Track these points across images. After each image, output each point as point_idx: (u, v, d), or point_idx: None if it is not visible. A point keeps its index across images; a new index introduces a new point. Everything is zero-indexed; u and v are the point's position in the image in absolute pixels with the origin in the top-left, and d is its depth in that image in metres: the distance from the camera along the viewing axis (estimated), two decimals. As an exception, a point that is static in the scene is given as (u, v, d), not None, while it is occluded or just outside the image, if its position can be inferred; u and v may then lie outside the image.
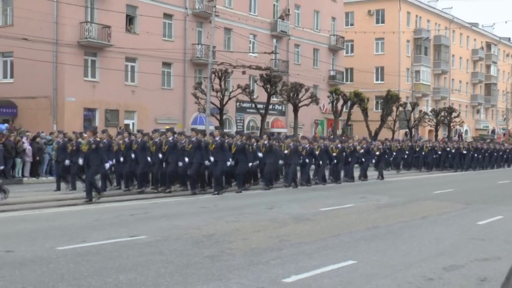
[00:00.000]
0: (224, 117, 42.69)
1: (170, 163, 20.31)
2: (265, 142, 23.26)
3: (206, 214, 15.24)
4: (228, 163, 20.56)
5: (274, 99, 46.94)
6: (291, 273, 8.49)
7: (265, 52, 46.43)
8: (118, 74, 39.67)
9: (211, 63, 39.32)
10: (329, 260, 9.45)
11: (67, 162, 20.25)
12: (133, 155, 20.52)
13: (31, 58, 35.58)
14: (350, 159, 27.41)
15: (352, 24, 70.26)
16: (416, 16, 74.69)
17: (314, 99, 46.79)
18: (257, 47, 50.01)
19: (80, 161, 18.41)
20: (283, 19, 53.30)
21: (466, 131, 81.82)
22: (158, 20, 42.24)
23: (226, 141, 21.46)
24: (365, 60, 69.25)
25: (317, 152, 24.96)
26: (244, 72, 42.37)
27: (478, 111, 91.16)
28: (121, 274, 8.27)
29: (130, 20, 41.15)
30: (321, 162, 25.37)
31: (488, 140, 57.37)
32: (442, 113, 63.73)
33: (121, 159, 20.66)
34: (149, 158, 20.44)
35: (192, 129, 22.60)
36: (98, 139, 18.18)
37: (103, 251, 9.98)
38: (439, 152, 39.24)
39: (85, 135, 19.81)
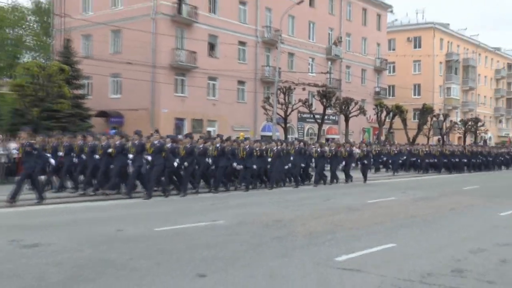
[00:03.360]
0: (288, 125, 42.61)
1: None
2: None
3: (273, 204, 15.29)
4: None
5: (329, 111, 46.63)
6: (343, 253, 8.44)
7: (321, 72, 46.41)
8: (202, 90, 40.08)
9: (277, 81, 39.38)
10: (374, 242, 9.35)
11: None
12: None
13: (134, 78, 36.41)
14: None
15: (394, 49, 69.47)
16: (448, 42, 73.40)
17: (362, 111, 46.31)
18: (315, 68, 49.79)
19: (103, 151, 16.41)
20: (336, 45, 52.94)
21: (490, 137, 79.46)
22: (234, 46, 42.53)
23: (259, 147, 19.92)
24: (405, 79, 68.55)
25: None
26: (304, 89, 42.38)
27: (500, 121, 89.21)
28: (206, 250, 8.37)
29: (212, 46, 41.55)
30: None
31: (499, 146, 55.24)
32: (470, 123, 62.19)
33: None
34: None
35: (218, 135, 20.63)
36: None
37: (191, 232, 10.13)
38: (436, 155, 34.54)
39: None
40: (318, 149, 23.38)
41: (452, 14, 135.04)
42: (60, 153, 17.17)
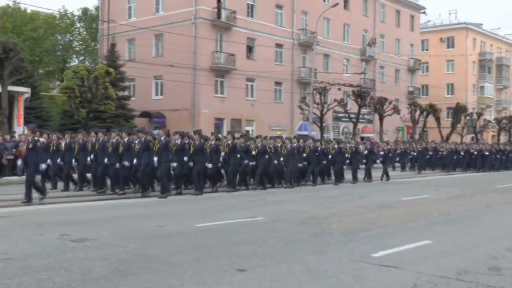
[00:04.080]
0: (324, 124, 42.38)
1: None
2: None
3: (309, 201, 15.13)
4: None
5: (363, 110, 46.16)
6: (378, 249, 8.24)
7: (356, 73, 45.97)
8: (240, 91, 40.13)
9: (313, 82, 39.16)
10: (409, 239, 9.11)
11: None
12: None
13: (176, 80, 36.67)
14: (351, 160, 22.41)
15: (427, 49, 68.37)
16: (481, 41, 71.89)
17: (396, 110, 45.75)
18: (349, 69, 49.37)
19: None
20: (371, 46, 52.38)
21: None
22: (271, 49, 42.45)
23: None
24: (438, 78, 67.38)
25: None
26: (339, 89, 42.06)
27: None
28: (243, 247, 8.28)
29: (250, 49, 41.57)
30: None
31: None
32: (504, 121, 60.82)
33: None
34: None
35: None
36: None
37: (229, 228, 10.05)
38: (462, 153, 33.26)
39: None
40: (335, 146, 21.74)
41: (485, 14, 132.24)
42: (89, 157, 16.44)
